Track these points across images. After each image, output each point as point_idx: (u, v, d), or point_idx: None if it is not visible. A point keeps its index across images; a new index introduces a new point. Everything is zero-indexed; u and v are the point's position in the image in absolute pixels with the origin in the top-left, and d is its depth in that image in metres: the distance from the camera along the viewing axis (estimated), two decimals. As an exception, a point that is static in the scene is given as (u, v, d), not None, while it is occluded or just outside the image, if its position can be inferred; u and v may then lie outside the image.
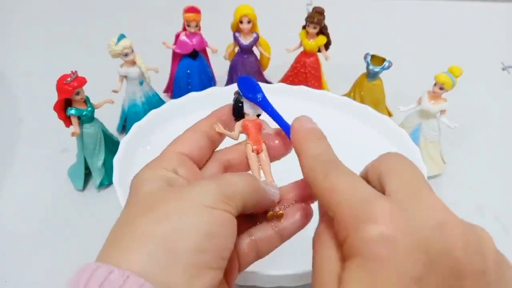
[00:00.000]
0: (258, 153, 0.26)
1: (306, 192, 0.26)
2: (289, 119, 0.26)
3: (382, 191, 0.20)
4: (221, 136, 0.27)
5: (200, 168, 0.26)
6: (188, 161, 0.25)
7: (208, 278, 0.20)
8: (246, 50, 0.57)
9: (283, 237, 0.25)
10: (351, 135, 0.49)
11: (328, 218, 0.21)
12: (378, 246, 0.17)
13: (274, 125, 0.28)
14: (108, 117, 0.50)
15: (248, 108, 0.27)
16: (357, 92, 0.56)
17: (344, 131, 0.49)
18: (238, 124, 0.27)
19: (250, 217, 0.25)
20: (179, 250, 0.19)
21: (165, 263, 0.19)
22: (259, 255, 0.26)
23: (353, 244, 0.17)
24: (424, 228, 0.17)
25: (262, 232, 0.25)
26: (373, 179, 0.21)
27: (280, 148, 0.27)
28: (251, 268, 0.34)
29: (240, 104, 0.27)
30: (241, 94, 0.27)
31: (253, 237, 0.25)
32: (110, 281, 0.17)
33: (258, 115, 0.27)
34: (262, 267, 0.34)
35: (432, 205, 0.19)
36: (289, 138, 0.25)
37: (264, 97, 0.27)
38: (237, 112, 0.27)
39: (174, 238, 0.19)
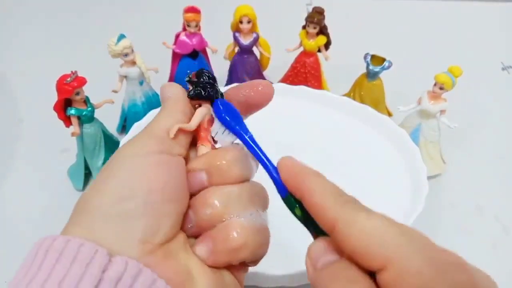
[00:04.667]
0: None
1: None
2: (289, 120, 0.25)
3: None
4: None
5: None
6: None
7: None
8: (246, 50, 0.57)
9: None
10: (351, 135, 0.49)
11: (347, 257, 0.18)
12: None
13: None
14: (108, 117, 0.50)
15: (221, 134, 0.23)
16: (357, 92, 0.56)
17: (344, 131, 0.49)
18: (200, 114, 0.23)
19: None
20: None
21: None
22: None
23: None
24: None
25: None
26: None
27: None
28: (251, 268, 0.34)
29: (209, 86, 0.23)
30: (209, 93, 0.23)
31: None
32: (68, 249, 0.18)
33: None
34: (262, 267, 0.34)
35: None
36: (276, 179, 0.22)
37: (246, 129, 0.23)
38: (204, 94, 0.23)
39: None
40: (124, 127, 0.55)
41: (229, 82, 0.60)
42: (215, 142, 0.24)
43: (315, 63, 0.58)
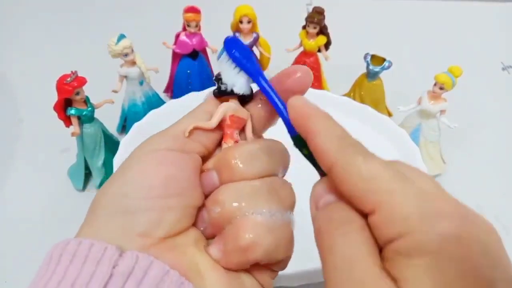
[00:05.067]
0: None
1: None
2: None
3: None
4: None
5: None
6: None
7: None
8: (246, 50, 0.57)
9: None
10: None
11: (347, 204, 0.18)
12: (455, 245, 0.15)
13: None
14: (108, 117, 0.50)
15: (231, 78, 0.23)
16: (357, 92, 0.56)
17: (344, 131, 0.49)
18: (220, 111, 0.23)
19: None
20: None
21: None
22: None
23: (420, 241, 0.15)
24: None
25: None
26: None
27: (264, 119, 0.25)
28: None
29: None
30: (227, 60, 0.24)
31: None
32: (80, 251, 0.18)
33: (243, 97, 0.24)
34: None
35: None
36: (285, 118, 0.22)
37: (255, 64, 0.23)
38: (224, 89, 0.24)
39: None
40: (124, 127, 0.55)
41: (229, 82, 0.60)
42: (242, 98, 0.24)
43: (315, 63, 0.58)
